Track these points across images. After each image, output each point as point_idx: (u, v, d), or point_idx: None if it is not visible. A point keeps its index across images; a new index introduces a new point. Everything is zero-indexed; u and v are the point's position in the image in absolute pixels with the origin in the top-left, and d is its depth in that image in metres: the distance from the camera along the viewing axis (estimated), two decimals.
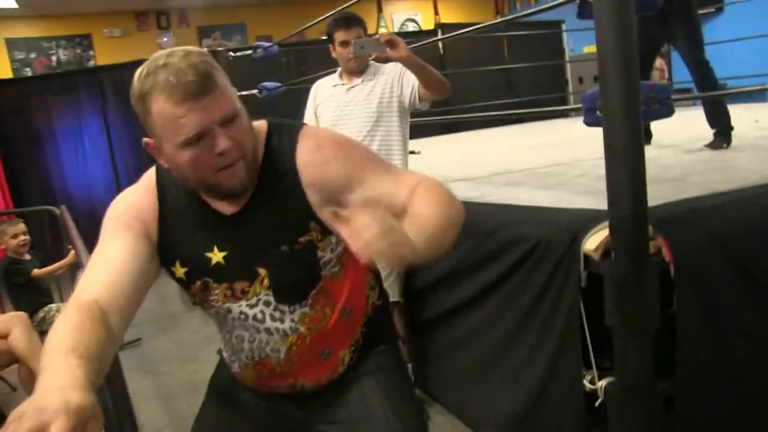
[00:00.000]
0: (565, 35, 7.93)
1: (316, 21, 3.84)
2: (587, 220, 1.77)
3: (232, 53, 6.29)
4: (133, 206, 1.20)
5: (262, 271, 1.18)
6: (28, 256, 3.77)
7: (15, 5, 7.70)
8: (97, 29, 8.84)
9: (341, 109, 2.62)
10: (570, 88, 7.95)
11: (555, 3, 2.37)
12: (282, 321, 1.21)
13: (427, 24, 10.48)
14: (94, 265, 1.11)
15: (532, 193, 2.52)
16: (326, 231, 1.17)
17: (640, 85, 1.52)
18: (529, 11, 3.12)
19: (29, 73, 8.46)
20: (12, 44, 8.51)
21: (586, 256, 1.70)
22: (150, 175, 1.26)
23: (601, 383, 1.70)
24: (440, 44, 7.16)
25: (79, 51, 8.80)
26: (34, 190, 7.13)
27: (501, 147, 4.86)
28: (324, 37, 2.85)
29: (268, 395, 1.32)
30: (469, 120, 6.56)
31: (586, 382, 1.75)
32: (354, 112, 2.60)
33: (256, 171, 1.15)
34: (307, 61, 6.98)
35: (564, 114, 7.33)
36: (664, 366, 1.65)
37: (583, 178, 2.71)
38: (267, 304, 1.20)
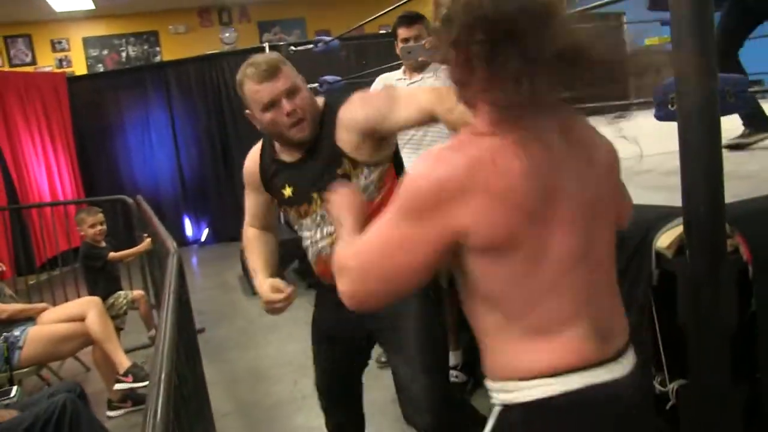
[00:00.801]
0: (625, 27, 7.70)
1: (375, 16, 3.85)
2: (660, 216, 1.71)
3: (293, 47, 6.37)
4: (246, 170, 1.89)
5: (314, 196, 1.72)
6: (104, 244, 3.93)
7: (92, 6, 8.02)
8: (163, 26, 9.10)
9: None
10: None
11: None
12: (331, 227, 1.66)
13: None
14: (246, 209, 1.94)
15: None
16: (357, 164, 1.69)
17: (718, 78, 1.47)
18: (596, 3, 3.02)
19: (101, 69, 8.79)
20: (87, 42, 8.86)
21: (659, 254, 1.65)
22: (258, 143, 1.88)
23: (673, 385, 1.65)
24: None
25: (146, 47, 9.08)
26: (104, 180, 7.44)
27: None
28: (382, 32, 2.89)
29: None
30: None
31: (656, 383, 1.70)
32: None
33: (316, 129, 1.70)
34: (367, 56, 7.01)
35: (625, 108, 7.10)
36: (743, 370, 1.59)
37: (652, 174, 2.62)
38: (322, 217, 1.71)
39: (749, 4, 2.67)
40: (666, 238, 1.63)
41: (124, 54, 8.98)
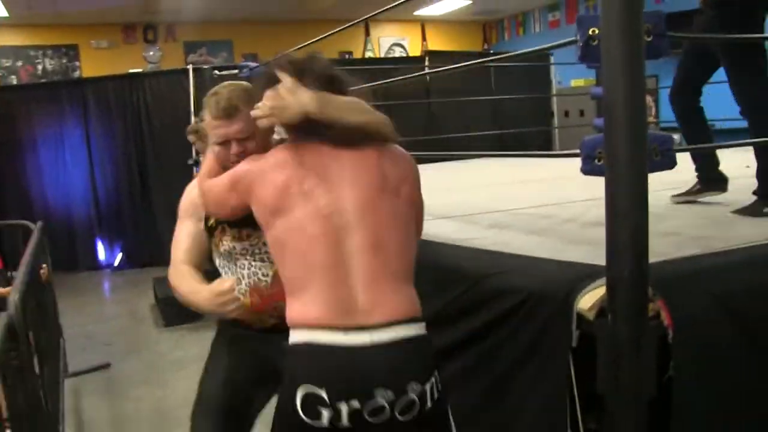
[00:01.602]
0: (552, 68, 7.94)
1: (305, 44, 3.74)
2: (582, 275, 1.66)
3: (217, 71, 6.21)
4: (188, 199, 1.86)
5: None
6: None
7: (6, 14, 7.58)
8: (85, 40, 8.74)
9: None
10: (555, 122, 7.94)
11: (546, 46, 2.30)
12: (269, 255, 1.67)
13: (414, 50, 10.47)
14: (179, 244, 1.83)
15: (521, 237, 2.41)
16: None
17: (647, 136, 1.43)
18: (518, 52, 3.10)
19: (14, 81, 8.31)
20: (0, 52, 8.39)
21: (580, 315, 1.59)
22: None
23: None
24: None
25: (65, 61, 8.67)
26: (14, 199, 6.95)
27: (486, 180, 4.77)
28: None
29: (252, 336, 1.82)
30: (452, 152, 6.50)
31: None
32: None
33: None
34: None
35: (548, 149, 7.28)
36: None
37: (575, 224, 2.61)
38: (265, 243, 1.63)
39: (706, 48, 2.73)
40: (588, 300, 1.57)
41: (40, 66, 8.54)
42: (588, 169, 1.67)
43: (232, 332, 1.86)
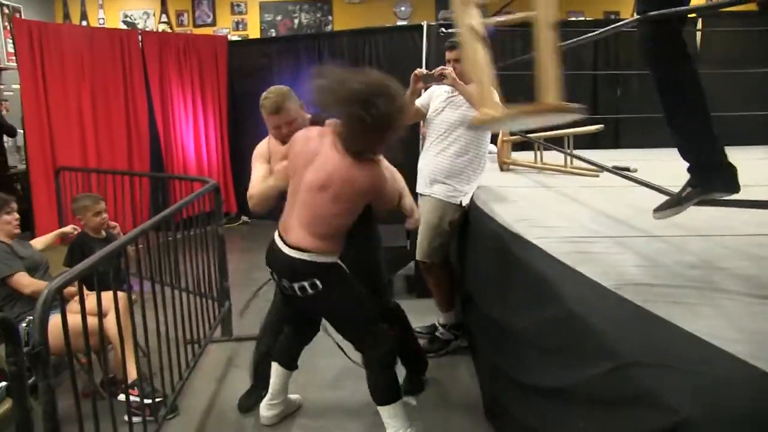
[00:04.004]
0: None
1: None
2: None
3: (444, 29, 5.77)
4: (261, 149, 2.90)
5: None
6: (104, 234, 3.59)
7: None
8: None
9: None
10: None
11: None
12: None
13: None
14: (255, 177, 2.81)
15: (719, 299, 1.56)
16: None
17: None
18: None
19: (273, 34, 8.81)
20: (263, 7, 8.92)
21: None
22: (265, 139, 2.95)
23: None
24: (698, 36, 5.79)
25: (319, 15, 8.92)
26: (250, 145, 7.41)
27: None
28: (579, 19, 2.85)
29: None
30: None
31: None
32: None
33: None
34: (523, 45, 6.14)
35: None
36: None
37: None
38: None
39: None
40: None
41: (297, 20, 8.91)
42: None
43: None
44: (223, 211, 4.10)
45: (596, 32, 2.55)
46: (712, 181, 1.71)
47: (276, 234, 2.48)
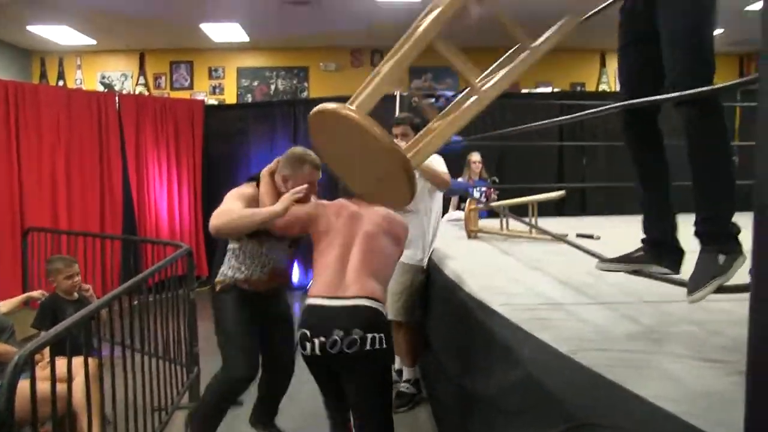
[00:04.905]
0: None
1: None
2: None
3: (416, 99, 6.02)
4: (247, 191, 2.91)
5: None
6: (75, 296, 3.60)
7: (247, 39, 8.27)
8: (315, 62, 9.15)
9: None
10: None
11: None
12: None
13: None
14: (227, 207, 2.82)
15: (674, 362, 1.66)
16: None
17: None
18: None
19: (249, 100, 9.02)
20: (241, 72, 9.17)
21: None
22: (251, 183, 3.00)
23: None
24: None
25: (295, 82, 9.18)
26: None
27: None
28: (538, 90, 3.09)
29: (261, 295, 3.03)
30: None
31: None
32: None
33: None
34: (501, 113, 6.40)
35: None
36: None
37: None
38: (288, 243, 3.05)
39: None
40: None
41: (273, 86, 9.15)
42: None
43: (241, 294, 2.97)
44: (195, 274, 4.13)
45: (592, 111, 2.38)
46: (661, 257, 1.92)
47: (316, 297, 2.39)
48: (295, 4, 6.86)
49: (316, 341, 2.29)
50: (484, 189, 5.43)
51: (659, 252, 1.93)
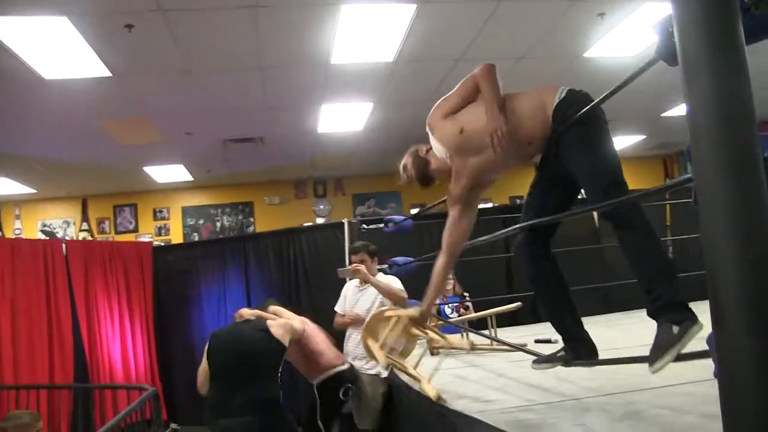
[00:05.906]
0: None
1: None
2: None
3: (365, 225, 6.23)
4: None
5: None
6: None
7: (191, 178, 8.50)
8: (259, 197, 9.42)
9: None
10: None
11: None
12: None
13: None
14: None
15: None
16: None
17: None
18: None
19: (196, 238, 9.10)
20: (186, 212, 9.31)
21: None
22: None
23: None
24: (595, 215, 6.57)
25: (241, 217, 9.38)
26: (178, 351, 7.32)
27: None
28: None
29: None
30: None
31: None
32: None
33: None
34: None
35: None
36: None
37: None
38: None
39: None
40: None
41: (219, 223, 9.30)
42: None
43: None
44: (159, 417, 4.02)
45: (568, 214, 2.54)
46: (578, 350, 2.31)
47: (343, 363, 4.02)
48: (238, 141, 7.17)
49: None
50: (455, 304, 5.57)
51: (576, 347, 2.31)
